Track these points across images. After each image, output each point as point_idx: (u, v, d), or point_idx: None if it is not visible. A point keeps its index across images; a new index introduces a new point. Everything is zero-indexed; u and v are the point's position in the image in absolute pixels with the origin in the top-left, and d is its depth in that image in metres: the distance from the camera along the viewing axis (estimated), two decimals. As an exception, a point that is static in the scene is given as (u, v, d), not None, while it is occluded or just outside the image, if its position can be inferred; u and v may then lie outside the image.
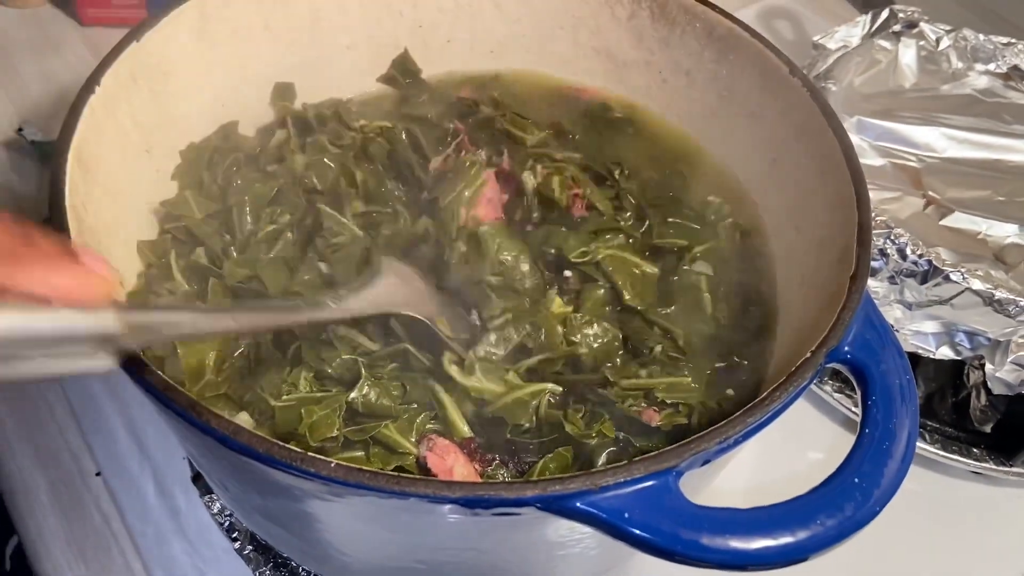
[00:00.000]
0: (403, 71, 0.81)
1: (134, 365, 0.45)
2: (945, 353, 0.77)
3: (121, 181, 0.62)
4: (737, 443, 0.46)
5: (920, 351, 0.77)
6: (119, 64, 0.61)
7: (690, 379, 0.60)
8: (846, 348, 0.51)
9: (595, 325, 0.62)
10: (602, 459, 0.57)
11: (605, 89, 0.82)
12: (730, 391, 0.61)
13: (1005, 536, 0.79)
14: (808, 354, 0.49)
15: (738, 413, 0.46)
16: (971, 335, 0.76)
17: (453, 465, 0.57)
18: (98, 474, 0.74)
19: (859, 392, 0.50)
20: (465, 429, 0.58)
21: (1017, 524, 0.79)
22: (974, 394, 0.80)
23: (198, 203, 0.67)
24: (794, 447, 0.80)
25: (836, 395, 0.82)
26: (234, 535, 0.69)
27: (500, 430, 0.58)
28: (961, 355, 0.76)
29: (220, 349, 0.60)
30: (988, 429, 0.80)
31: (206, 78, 0.70)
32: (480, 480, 0.57)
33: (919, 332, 0.77)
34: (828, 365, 0.50)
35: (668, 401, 0.59)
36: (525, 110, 0.78)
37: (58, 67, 1.05)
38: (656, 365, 0.62)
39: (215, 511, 0.70)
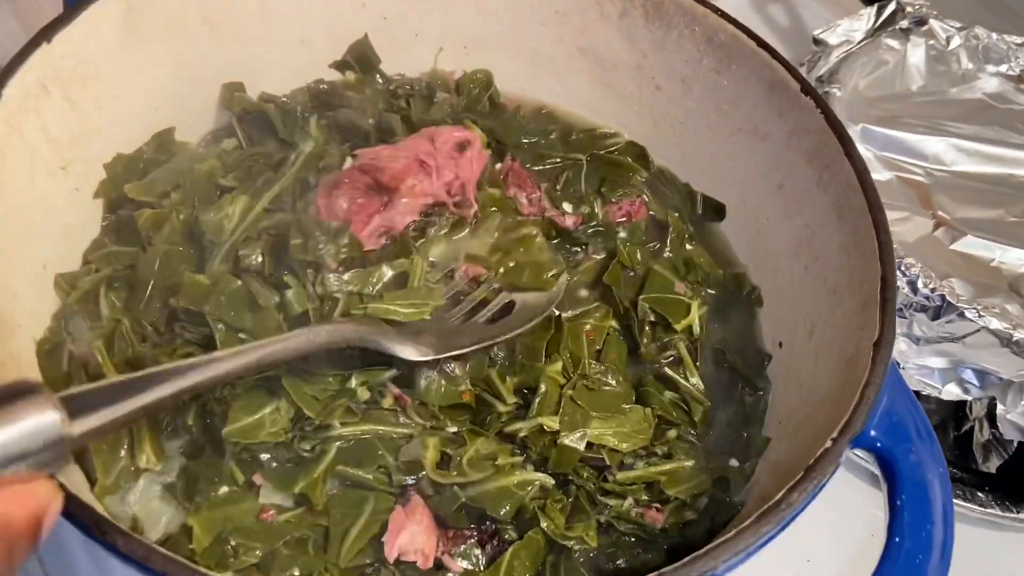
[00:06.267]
0: (360, 59, 0.71)
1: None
2: (952, 391, 0.71)
3: (29, 205, 0.53)
4: (749, 555, 0.40)
5: (926, 389, 0.71)
6: (25, 72, 0.51)
7: (692, 463, 0.52)
8: (872, 433, 0.44)
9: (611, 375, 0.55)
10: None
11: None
12: (734, 461, 0.54)
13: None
14: (829, 443, 0.43)
15: (750, 520, 0.40)
16: (981, 374, 0.70)
17: (415, 533, 0.50)
18: None
19: (884, 487, 0.44)
20: None
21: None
22: (977, 427, 0.74)
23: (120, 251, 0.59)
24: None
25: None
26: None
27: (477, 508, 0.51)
28: (970, 394, 0.71)
29: None
30: (993, 469, 0.75)
31: (135, 80, 0.61)
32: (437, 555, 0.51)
33: (925, 367, 0.71)
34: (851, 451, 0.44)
35: (675, 496, 0.51)
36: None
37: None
38: (661, 448, 0.54)
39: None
